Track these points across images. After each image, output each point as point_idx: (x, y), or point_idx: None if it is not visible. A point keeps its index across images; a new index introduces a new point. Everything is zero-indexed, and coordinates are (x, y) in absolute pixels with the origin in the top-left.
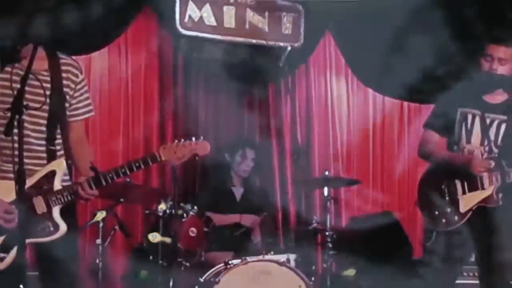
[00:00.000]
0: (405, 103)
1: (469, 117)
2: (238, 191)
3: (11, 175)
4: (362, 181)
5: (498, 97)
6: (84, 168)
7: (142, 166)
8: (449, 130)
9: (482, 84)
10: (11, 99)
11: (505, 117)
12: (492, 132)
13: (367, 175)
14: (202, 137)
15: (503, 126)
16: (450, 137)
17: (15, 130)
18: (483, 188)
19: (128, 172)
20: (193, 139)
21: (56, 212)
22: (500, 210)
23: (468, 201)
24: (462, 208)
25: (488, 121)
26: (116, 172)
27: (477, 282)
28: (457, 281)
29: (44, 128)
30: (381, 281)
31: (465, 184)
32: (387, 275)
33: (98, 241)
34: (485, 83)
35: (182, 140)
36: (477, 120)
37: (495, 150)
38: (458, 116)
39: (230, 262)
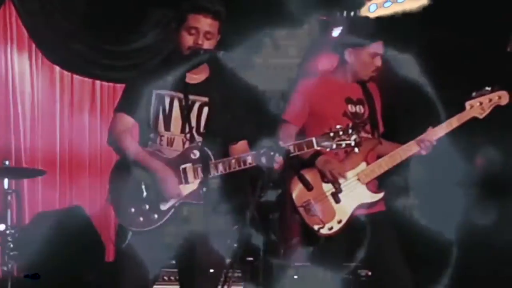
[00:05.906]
0: (98, 82)
1: (167, 100)
2: None
3: None
4: (48, 172)
5: (200, 76)
6: None
7: None
8: (143, 115)
9: (183, 61)
10: None
11: (206, 99)
12: (193, 117)
13: (53, 164)
14: None
15: (205, 110)
16: (146, 123)
17: None
18: (187, 182)
19: None
20: None
21: None
22: (203, 206)
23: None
24: (163, 206)
25: (189, 104)
26: None
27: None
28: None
29: None
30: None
31: None
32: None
33: None
34: (187, 60)
35: None
36: (176, 103)
37: (198, 138)
38: (153, 99)
39: None
